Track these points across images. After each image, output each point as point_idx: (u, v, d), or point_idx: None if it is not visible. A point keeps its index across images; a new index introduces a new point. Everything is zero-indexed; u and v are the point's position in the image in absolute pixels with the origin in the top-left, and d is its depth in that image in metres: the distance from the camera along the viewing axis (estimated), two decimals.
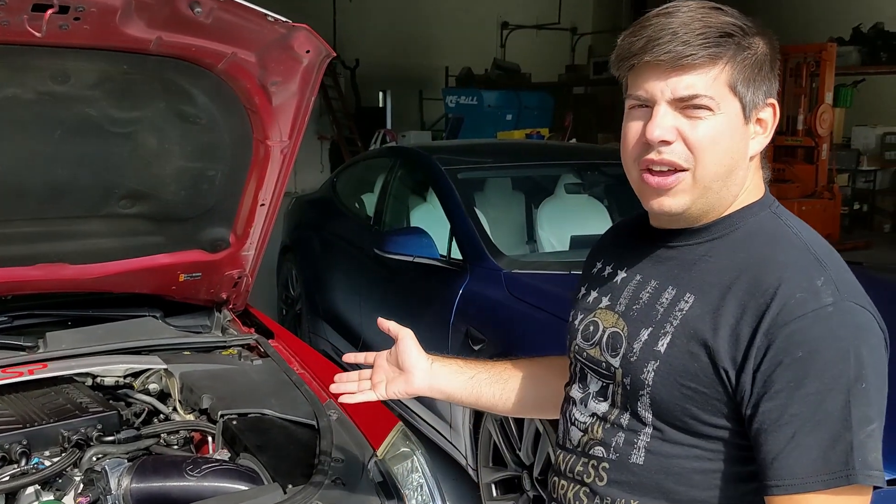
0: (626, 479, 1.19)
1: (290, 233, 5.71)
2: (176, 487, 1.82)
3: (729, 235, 1.17)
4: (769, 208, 1.19)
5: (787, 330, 1.04)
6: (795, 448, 1.03)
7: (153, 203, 2.34)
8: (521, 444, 3.05)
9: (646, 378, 1.15)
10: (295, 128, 2.22)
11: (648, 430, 1.17)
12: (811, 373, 1.02)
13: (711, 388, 1.10)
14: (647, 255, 1.24)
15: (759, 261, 1.11)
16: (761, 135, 1.17)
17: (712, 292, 1.12)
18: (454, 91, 13.94)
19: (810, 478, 1.02)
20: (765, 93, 1.15)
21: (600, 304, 1.28)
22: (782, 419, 1.03)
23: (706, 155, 1.12)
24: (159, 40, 1.85)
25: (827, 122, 9.71)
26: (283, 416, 2.20)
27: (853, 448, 1.01)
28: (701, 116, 1.12)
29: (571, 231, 4.12)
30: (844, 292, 1.07)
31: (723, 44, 1.10)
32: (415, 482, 2.14)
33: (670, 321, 1.15)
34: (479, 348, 3.29)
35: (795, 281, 1.07)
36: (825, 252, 1.13)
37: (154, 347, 2.47)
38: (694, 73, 1.11)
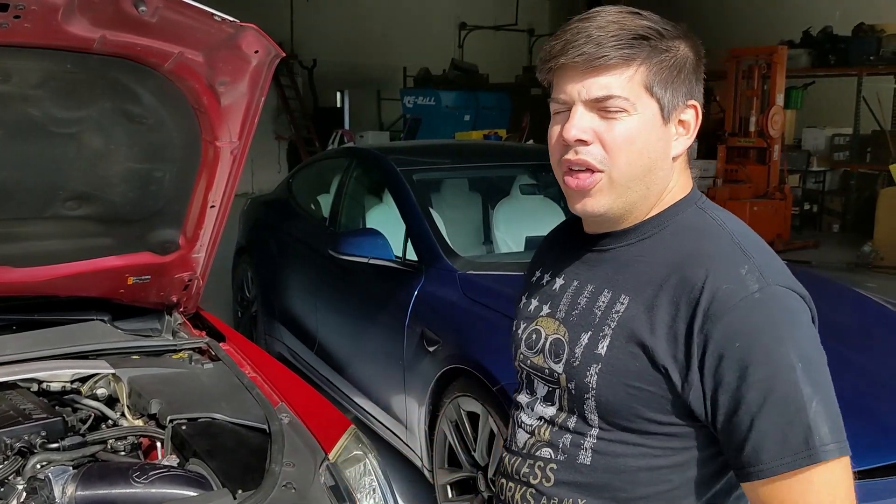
0: (574, 480, 1.21)
1: (246, 234, 5.65)
2: (122, 495, 1.78)
3: (658, 234, 1.20)
4: (695, 203, 1.22)
5: (721, 323, 1.08)
6: (756, 434, 1.06)
7: (100, 204, 2.29)
8: (476, 445, 3.05)
9: (589, 381, 1.18)
10: (245, 128, 2.20)
11: (595, 432, 1.19)
12: (753, 361, 1.06)
13: (656, 386, 1.13)
14: (582, 261, 1.27)
15: (686, 255, 1.15)
16: (684, 136, 1.19)
17: (646, 291, 1.15)
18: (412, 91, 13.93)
19: (774, 461, 1.06)
20: (685, 95, 1.17)
21: (541, 312, 1.30)
22: (739, 409, 1.07)
23: (621, 155, 1.15)
24: (103, 39, 1.81)
25: (778, 124, 9.90)
26: (234, 420, 2.17)
27: (810, 428, 1.05)
28: (617, 117, 1.15)
29: (527, 232, 4.14)
30: (769, 277, 1.10)
31: (636, 45, 1.13)
32: (367, 485, 2.13)
33: (608, 324, 1.17)
34: (433, 349, 3.28)
35: (721, 272, 1.10)
36: (748, 241, 1.16)
37: (102, 352, 2.42)
38: (608, 75, 1.14)
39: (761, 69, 10.13)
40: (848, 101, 11.52)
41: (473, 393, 3.01)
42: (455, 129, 12.29)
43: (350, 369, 4.13)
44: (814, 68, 11.59)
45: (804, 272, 4.37)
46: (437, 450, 3.30)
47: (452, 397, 3.15)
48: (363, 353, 4.02)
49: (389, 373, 3.65)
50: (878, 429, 2.60)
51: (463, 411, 3.11)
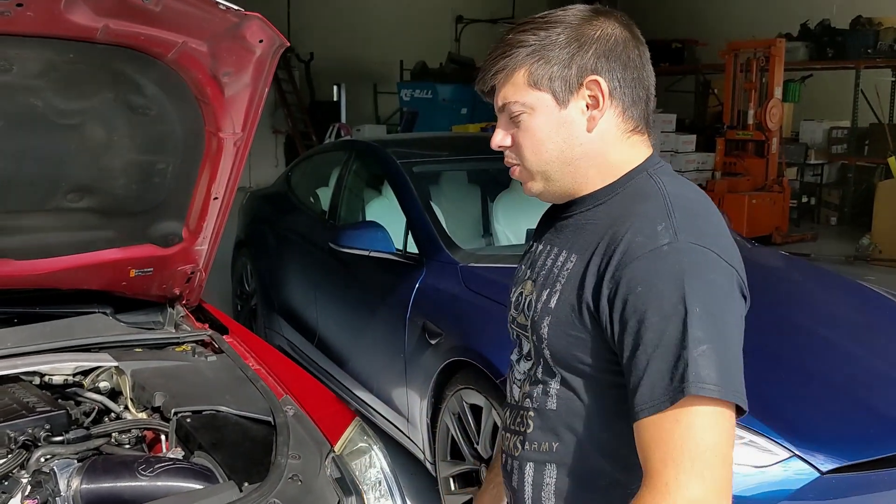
0: (546, 425, 1.34)
1: (245, 227, 5.63)
2: (128, 488, 1.77)
3: (610, 200, 1.31)
4: (646, 171, 1.32)
5: (628, 270, 1.18)
6: (649, 375, 1.15)
7: (102, 197, 2.27)
8: (479, 437, 3.05)
9: (543, 332, 1.31)
10: (248, 119, 2.18)
11: (557, 379, 1.32)
12: (651, 305, 1.15)
13: (585, 333, 1.25)
14: (555, 228, 1.40)
15: (623, 215, 1.25)
16: (595, 109, 1.29)
17: (588, 248, 1.28)
18: (409, 85, 13.88)
19: (662, 397, 1.13)
20: (577, 73, 1.27)
21: (526, 276, 1.43)
22: (637, 350, 1.16)
23: (524, 150, 1.32)
24: (106, 28, 1.79)
25: (776, 117, 9.89)
26: (239, 412, 2.16)
27: (688, 365, 1.12)
28: (520, 119, 1.31)
29: (527, 224, 4.11)
30: (682, 234, 1.19)
31: (513, 55, 1.29)
32: (373, 477, 2.12)
33: (560, 280, 1.31)
34: (435, 342, 3.27)
35: (639, 227, 1.21)
36: (682, 203, 1.24)
37: (104, 344, 2.41)
38: (502, 88, 1.32)
39: (759, 62, 10.11)
40: (846, 94, 11.51)
41: (476, 385, 3.01)
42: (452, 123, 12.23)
43: (351, 362, 4.12)
44: (811, 61, 11.57)
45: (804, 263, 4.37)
46: (440, 442, 3.29)
47: (455, 390, 3.15)
48: (364, 346, 4.01)
49: (391, 366, 3.64)
50: (875, 421, 2.60)
51: (465, 404, 3.10)
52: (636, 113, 1.31)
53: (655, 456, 1.13)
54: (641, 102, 1.32)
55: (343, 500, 1.95)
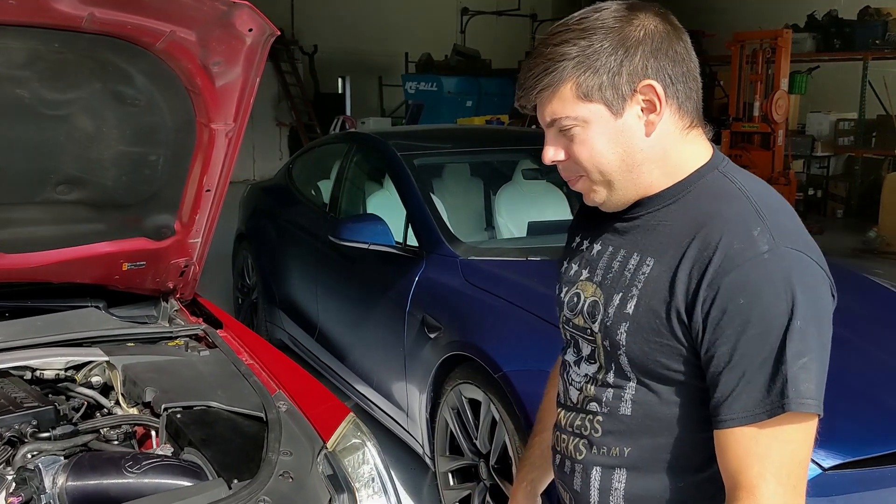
0: (618, 429, 1.32)
1: (246, 220, 5.60)
2: (114, 485, 1.74)
3: (682, 199, 1.27)
4: (717, 168, 1.28)
5: (728, 279, 1.15)
6: (746, 385, 1.15)
7: (92, 189, 2.24)
8: (478, 432, 3.01)
9: (620, 339, 1.27)
10: (240, 110, 2.14)
11: (632, 384, 1.29)
12: (753, 317, 1.14)
13: (673, 340, 1.22)
14: (616, 228, 1.36)
15: (707, 218, 1.22)
16: (652, 112, 1.24)
17: (668, 252, 1.24)
18: (414, 77, 13.83)
19: (757, 409, 1.14)
20: (629, 81, 1.22)
21: (581, 276, 1.39)
22: (733, 360, 1.15)
23: (586, 164, 1.28)
24: (92, 17, 1.75)
25: (783, 109, 9.80)
26: (231, 408, 2.12)
27: (788, 380, 1.12)
28: (573, 133, 1.26)
29: (529, 217, 4.08)
30: (780, 238, 1.16)
31: (557, 70, 1.23)
32: (366, 474, 2.08)
33: (636, 284, 1.27)
34: (434, 336, 3.24)
35: (734, 232, 1.18)
36: (765, 202, 1.22)
37: (96, 339, 2.38)
38: (548, 104, 1.27)
39: (765, 53, 10.02)
40: (853, 86, 11.40)
41: (475, 380, 2.97)
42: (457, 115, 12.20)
43: (351, 356, 4.09)
44: (819, 53, 11.47)
45: None
46: (439, 437, 3.26)
47: (454, 384, 3.11)
48: (364, 340, 3.98)
49: (390, 360, 3.61)
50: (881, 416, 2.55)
51: (464, 398, 3.07)
52: (690, 107, 1.27)
53: (752, 470, 1.15)
54: (693, 94, 1.27)
55: (335, 497, 1.92)
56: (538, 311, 2.93)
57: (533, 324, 2.90)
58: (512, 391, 2.75)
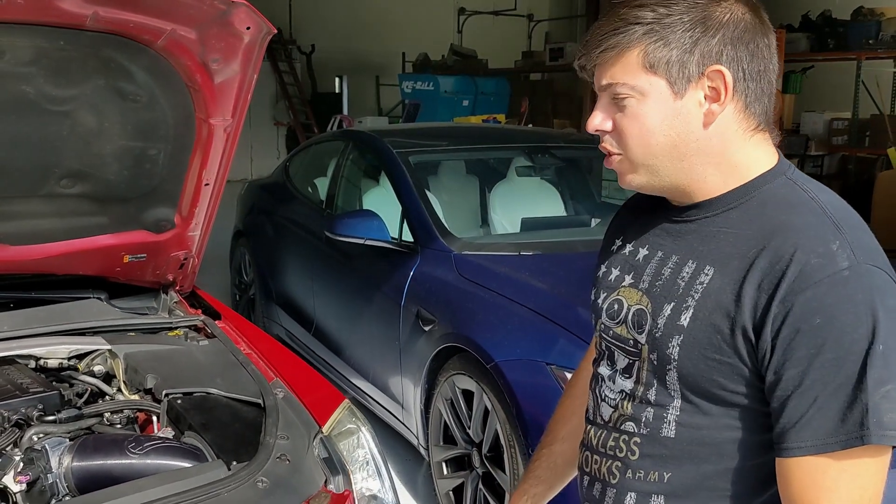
0: (659, 453, 1.21)
1: (243, 218, 5.67)
2: (118, 465, 1.81)
3: (744, 205, 1.17)
4: (784, 174, 1.18)
5: (803, 297, 1.05)
6: (818, 412, 1.05)
7: (95, 183, 2.31)
8: (471, 422, 3.08)
9: (671, 353, 1.17)
10: (238, 106, 2.21)
11: (678, 404, 1.19)
12: (830, 339, 1.04)
13: (735, 358, 1.12)
14: (667, 231, 1.26)
15: (776, 228, 1.12)
16: (715, 102, 1.15)
17: (731, 263, 1.13)
18: (410, 77, 13.88)
19: (829, 438, 1.04)
20: (699, 61, 1.14)
21: (623, 282, 1.29)
22: (804, 385, 1.05)
23: (629, 139, 1.18)
24: (96, 15, 1.82)
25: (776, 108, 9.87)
26: (229, 395, 2.20)
27: (868, 409, 1.02)
28: (626, 104, 1.17)
29: (523, 213, 4.15)
30: (860, 255, 1.07)
31: (629, 32, 1.15)
32: (361, 458, 2.15)
33: (692, 295, 1.16)
34: (428, 329, 3.31)
35: (811, 246, 1.07)
36: (842, 215, 1.13)
37: (98, 329, 2.45)
38: (611, 67, 1.17)
39: None
40: (847, 86, 11.49)
41: (468, 371, 3.04)
42: (454, 115, 12.25)
43: (347, 350, 4.16)
44: (813, 52, 11.53)
45: None
46: (433, 427, 3.33)
47: (447, 376, 3.18)
48: (360, 334, 4.05)
49: (386, 353, 3.68)
50: None
51: (458, 389, 3.14)
52: (759, 109, 1.17)
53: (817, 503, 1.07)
54: (765, 97, 1.18)
55: (330, 479, 1.99)
56: (529, 304, 3.00)
57: (524, 315, 2.98)
58: (503, 380, 2.82)
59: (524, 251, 3.55)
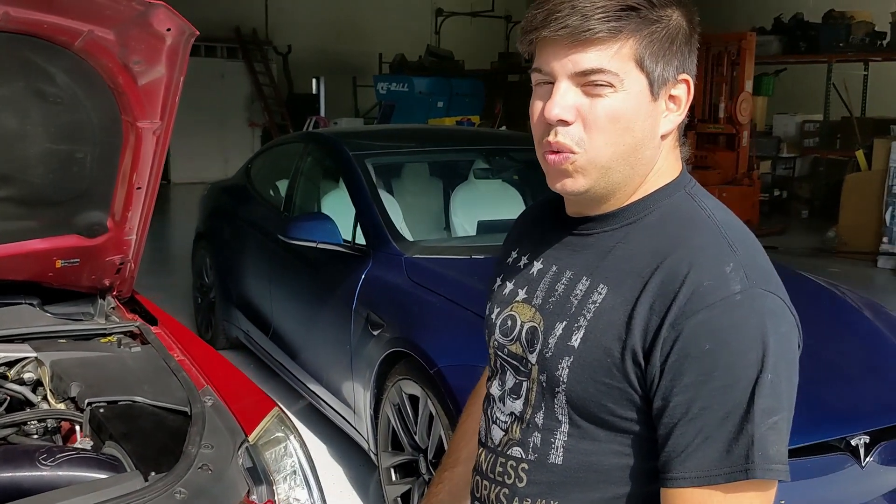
0: (546, 480, 1.14)
1: (205, 220, 5.62)
2: (27, 478, 1.76)
3: (643, 219, 1.11)
4: (684, 188, 1.13)
5: (694, 320, 1.00)
6: (703, 442, 1.00)
7: (21, 186, 2.26)
8: (417, 428, 3.06)
9: (560, 375, 1.10)
10: (166, 109, 2.17)
11: (565, 428, 1.12)
12: (719, 366, 0.99)
13: (625, 383, 1.06)
14: (563, 244, 1.18)
15: (672, 246, 1.06)
16: (675, 112, 1.10)
17: (626, 281, 1.07)
18: (385, 77, 13.86)
19: (714, 470, 0.99)
20: (676, 68, 1.08)
21: (517, 296, 1.21)
22: (690, 413, 1.00)
23: (601, 135, 1.06)
24: (6, 15, 1.78)
25: (747, 110, 9.94)
26: (155, 403, 2.15)
27: (754, 441, 0.98)
28: (602, 94, 1.05)
29: (484, 216, 4.13)
30: (753, 278, 1.02)
31: (624, 17, 1.04)
32: (289, 467, 2.12)
33: (584, 314, 1.09)
34: (377, 333, 3.28)
35: (705, 267, 1.02)
36: (737, 235, 1.08)
37: (27, 335, 2.40)
38: (594, 49, 1.05)
39: (730, 56, 10.15)
40: (819, 88, 11.58)
41: (413, 376, 3.01)
42: (428, 116, 12.24)
43: (302, 354, 4.12)
44: (785, 55, 11.64)
45: None
46: (381, 433, 3.30)
47: (395, 381, 3.15)
48: (314, 338, 4.01)
49: (338, 357, 3.64)
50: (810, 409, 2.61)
51: (404, 394, 3.11)
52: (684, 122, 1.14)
53: None
54: None
55: (253, 489, 1.95)
56: (475, 308, 2.97)
57: (470, 320, 2.95)
58: (446, 386, 2.79)
59: (476, 254, 3.52)
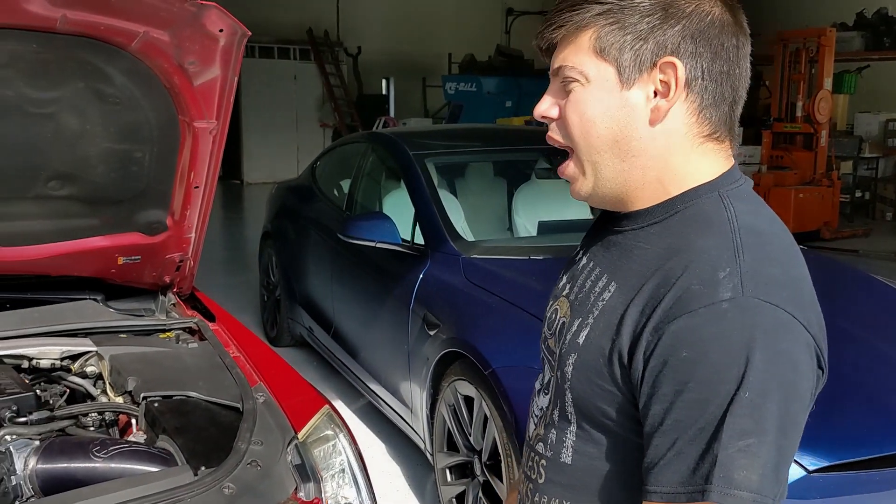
0: (559, 479, 1.13)
1: (271, 219, 5.70)
2: (80, 469, 1.81)
3: (667, 220, 1.06)
4: (718, 190, 1.06)
5: (675, 325, 0.95)
6: (675, 456, 0.94)
7: (83, 185, 2.32)
8: (471, 429, 3.03)
9: (567, 371, 1.08)
10: (221, 108, 2.19)
11: (573, 428, 1.10)
12: (695, 377, 0.93)
13: (613, 386, 1.02)
14: (602, 241, 1.16)
15: (679, 248, 1.01)
16: (664, 98, 1.04)
17: (631, 281, 1.04)
18: (454, 78, 13.87)
19: (679, 488, 0.94)
20: (653, 50, 1.03)
21: (564, 291, 1.20)
22: (665, 424, 0.95)
23: (573, 129, 1.07)
24: (65, 18, 1.82)
25: (825, 109, 9.60)
26: (209, 398, 2.18)
27: (717, 462, 0.91)
28: (571, 89, 1.07)
29: (547, 216, 4.08)
30: (751, 287, 0.94)
31: (583, 10, 1.05)
32: (337, 465, 2.12)
33: (593, 312, 1.07)
34: (433, 333, 3.27)
35: (698, 270, 0.96)
36: (754, 241, 0.99)
37: (89, 330, 2.46)
38: (561, 46, 1.08)
39: (809, 53, 9.82)
40: None
41: (468, 377, 2.99)
42: (497, 116, 12.20)
43: (362, 353, 4.15)
44: (867, 51, 11.20)
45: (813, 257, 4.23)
46: (437, 433, 3.28)
47: (450, 381, 3.14)
48: (373, 337, 4.03)
49: (396, 356, 3.65)
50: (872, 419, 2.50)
51: (459, 395, 3.09)
52: (716, 115, 1.05)
53: None
54: (725, 104, 1.06)
55: (300, 486, 1.96)
56: (532, 309, 2.93)
57: (526, 322, 2.91)
58: (500, 388, 2.76)
59: (535, 255, 3.48)
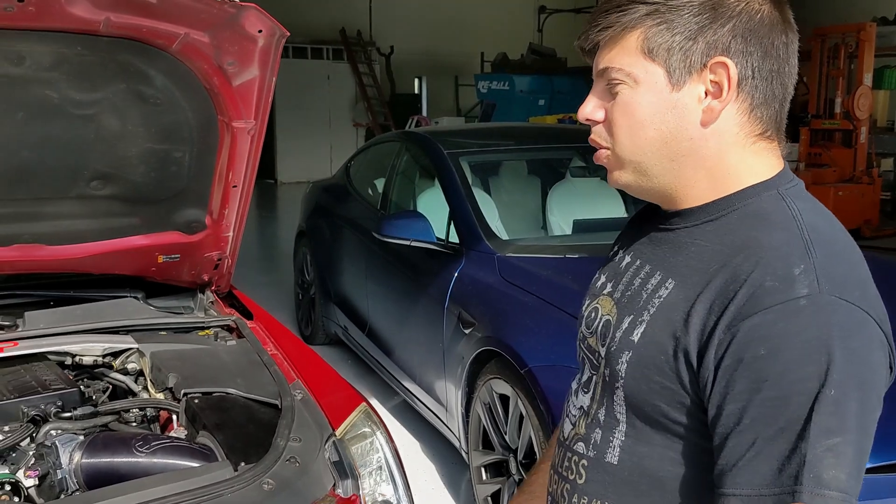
0: (602, 479, 1.12)
1: (306, 218, 5.75)
2: (124, 464, 1.84)
3: (724, 217, 1.06)
4: (777, 189, 1.05)
5: (749, 323, 0.93)
6: (756, 456, 0.93)
7: (124, 184, 2.36)
8: (507, 427, 3.03)
9: (620, 369, 1.07)
10: (259, 109, 2.22)
11: (623, 427, 1.09)
12: (772, 375, 0.92)
13: (677, 384, 1.01)
14: (649, 239, 1.16)
15: (743, 244, 1.00)
16: (716, 98, 1.03)
17: (692, 278, 1.02)
18: (486, 76, 13.87)
19: (764, 489, 0.92)
20: (704, 50, 1.02)
21: (605, 289, 1.20)
22: (742, 423, 0.94)
23: (619, 131, 1.07)
24: (108, 21, 1.86)
25: (865, 105, 9.45)
26: (247, 395, 2.21)
27: (806, 462, 0.89)
28: (617, 91, 1.07)
29: (582, 215, 4.07)
30: (826, 284, 0.93)
31: (631, 11, 1.04)
32: (374, 462, 2.14)
33: (648, 309, 1.06)
34: (469, 331, 3.27)
35: (771, 267, 0.95)
36: (823, 238, 0.99)
37: (129, 327, 2.51)
38: (606, 48, 1.08)
39: (848, 48, 9.67)
40: None
41: (504, 375, 2.99)
42: (529, 114, 12.17)
43: (397, 351, 4.16)
44: None
45: None
46: (472, 432, 3.29)
47: (485, 380, 3.14)
48: (408, 336, 4.04)
49: (431, 355, 3.66)
50: None
51: (495, 393, 3.09)
52: (767, 113, 1.05)
53: None
54: (776, 102, 1.05)
55: (338, 482, 1.97)
56: (568, 308, 2.93)
57: (562, 320, 2.90)
58: (536, 386, 2.76)
59: (570, 254, 3.47)
